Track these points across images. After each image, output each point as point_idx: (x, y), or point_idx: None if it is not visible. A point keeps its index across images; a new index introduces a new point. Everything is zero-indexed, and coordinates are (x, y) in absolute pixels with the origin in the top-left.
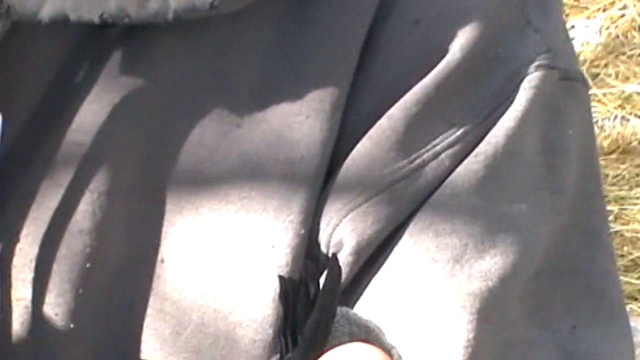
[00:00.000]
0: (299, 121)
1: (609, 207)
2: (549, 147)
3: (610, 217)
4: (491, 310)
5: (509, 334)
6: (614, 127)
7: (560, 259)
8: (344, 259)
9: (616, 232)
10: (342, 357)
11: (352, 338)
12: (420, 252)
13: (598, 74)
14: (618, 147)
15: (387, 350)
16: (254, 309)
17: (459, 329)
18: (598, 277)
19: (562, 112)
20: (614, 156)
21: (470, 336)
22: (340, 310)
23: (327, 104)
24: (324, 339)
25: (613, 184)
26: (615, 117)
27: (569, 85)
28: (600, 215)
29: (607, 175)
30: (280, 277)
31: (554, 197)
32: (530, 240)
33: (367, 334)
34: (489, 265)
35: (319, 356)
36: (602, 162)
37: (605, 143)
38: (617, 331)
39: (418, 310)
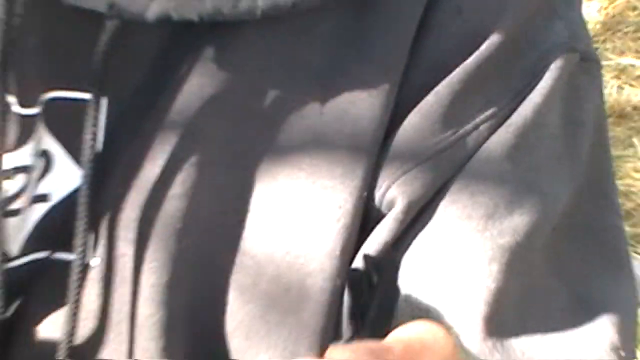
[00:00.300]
0: (362, 99)
1: None
2: (570, 119)
3: None
4: (517, 262)
5: (530, 282)
6: (610, 94)
7: (576, 216)
8: (395, 215)
9: None
10: (407, 333)
11: (414, 319)
12: (457, 209)
13: (597, 49)
14: (614, 112)
15: (447, 328)
16: (323, 261)
17: (490, 277)
18: (607, 232)
19: (581, 89)
20: (610, 120)
21: (500, 285)
22: (402, 294)
23: (386, 82)
24: (387, 321)
25: (610, 144)
26: (612, 86)
27: (587, 65)
28: (610, 179)
29: None
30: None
31: (572, 164)
32: (551, 201)
33: (427, 314)
34: (517, 222)
35: (384, 336)
36: None
37: None
38: (623, 278)
39: (455, 259)
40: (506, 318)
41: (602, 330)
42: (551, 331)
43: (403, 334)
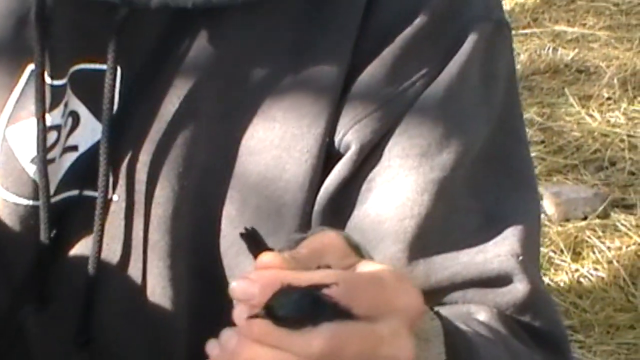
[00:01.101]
0: (324, 63)
1: (543, 110)
2: (487, 74)
3: (544, 117)
4: (443, 192)
5: (453, 207)
6: (548, 55)
7: (491, 149)
8: (350, 156)
9: (548, 127)
10: (312, 239)
11: None
12: (399, 149)
13: (537, 18)
14: (550, 68)
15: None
16: (295, 193)
17: (421, 206)
18: (517, 161)
19: (495, 50)
20: (547, 75)
21: (429, 211)
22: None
23: (343, 49)
24: None
25: (546, 94)
26: (549, 48)
27: (499, 30)
28: (519, 120)
29: (542, 88)
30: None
31: (489, 109)
32: (472, 140)
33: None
34: (445, 159)
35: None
36: (539, 79)
37: (542, 65)
38: (529, 196)
39: (394, 192)
40: (432, 237)
41: (506, 241)
42: (467, 246)
43: (309, 240)
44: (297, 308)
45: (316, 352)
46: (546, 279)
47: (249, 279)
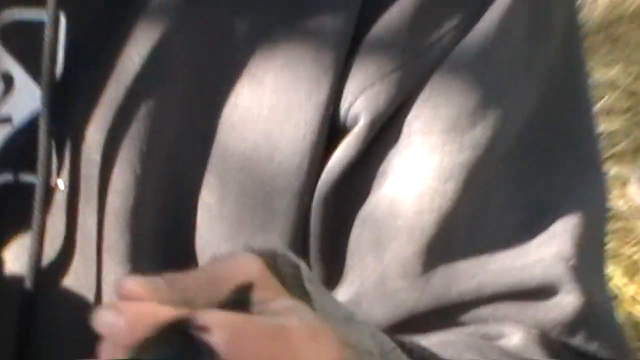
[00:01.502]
0: (326, 22)
1: (629, 69)
2: (536, 25)
3: (630, 77)
4: (474, 179)
5: (486, 198)
6: None
7: (541, 123)
8: (358, 131)
9: (635, 90)
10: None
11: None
12: (420, 123)
13: None
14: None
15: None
16: (290, 178)
17: (443, 198)
18: (576, 137)
19: None
20: (635, 23)
21: (453, 204)
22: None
23: (349, 3)
24: None
25: (634, 48)
26: None
27: None
28: (582, 84)
29: (628, 41)
30: None
31: (537, 71)
32: (515, 110)
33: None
34: (478, 136)
35: None
36: (624, 29)
37: (629, 11)
38: (592, 185)
39: (413, 176)
40: (456, 238)
41: (554, 240)
42: (503, 248)
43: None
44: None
45: None
46: (631, 289)
47: (117, 309)
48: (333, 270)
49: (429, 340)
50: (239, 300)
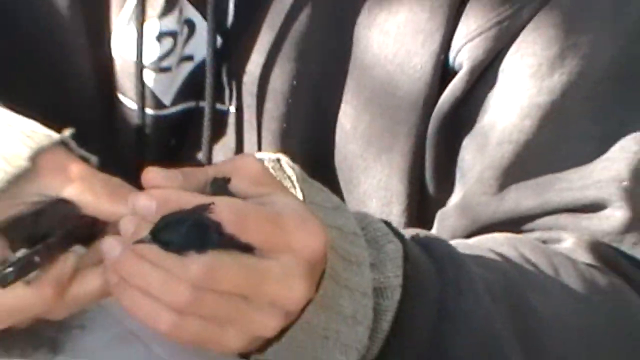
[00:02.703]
0: None
1: None
2: None
3: None
4: (552, 116)
5: (563, 132)
6: None
7: (621, 67)
8: (462, 76)
9: None
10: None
11: None
12: (510, 70)
13: None
14: None
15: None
16: (408, 110)
17: (521, 132)
18: None
19: None
20: None
21: (529, 138)
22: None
23: None
24: None
25: None
26: None
27: None
28: None
29: None
30: None
31: (619, 21)
32: (594, 58)
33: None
34: (556, 81)
35: None
36: None
37: None
38: None
39: (502, 112)
40: (530, 165)
41: (614, 165)
42: (572, 169)
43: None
44: (183, 235)
45: (193, 278)
46: None
47: (150, 194)
48: (444, 187)
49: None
50: (219, 188)
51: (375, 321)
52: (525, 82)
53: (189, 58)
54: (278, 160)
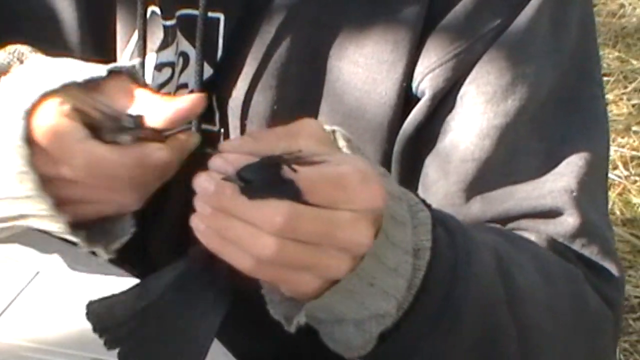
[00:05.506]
0: (401, 18)
1: None
2: (556, 22)
3: None
4: (505, 137)
5: (515, 149)
6: None
7: (562, 92)
8: (425, 102)
9: None
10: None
11: None
12: (467, 97)
13: None
14: None
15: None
16: (374, 132)
17: (482, 150)
18: (588, 101)
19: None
20: None
21: (489, 155)
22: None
23: (419, 2)
24: None
25: None
26: None
27: None
28: (593, 63)
29: None
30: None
31: (558, 55)
32: (538, 86)
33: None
34: (509, 106)
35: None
36: None
37: None
38: (597, 136)
39: (462, 134)
40: (491, 179)
41: (564, 177)
42: (524, 183)
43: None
44: (264, 178)
45: (276, 224)
46: None
47: (225, 157)
48: None
49: None
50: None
51: (409, 278)
52: (483, 107)
53: (185, 86)
54: (333, 131)
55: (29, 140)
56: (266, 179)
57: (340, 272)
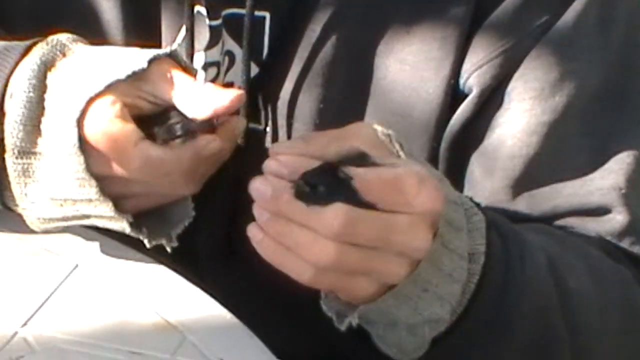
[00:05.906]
0: (450, 14)
1: None
2: (603, 18)
3: None
4: (554, 133)
5: (563, 146)
6: None
7: (608, 89)
8: (472, 99)
9: None
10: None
11: None
12: (515, 93)
13: None
14: None
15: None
16: (422, 129)
17: (529, 146)
18: (636, 97)
19: None
20: None
21: (537, 151)
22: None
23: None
24: None
25: None
26: None
27: None
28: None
29: None
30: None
31: (605, 51)
32: (585, 82)
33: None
34: (557, 102)
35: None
36: None
37: None
38: None
39: (510, 130)
40: (538, 175)
41: (612, 175)
42: (572, 180)
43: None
44: (326, 180)
45: (335, 228)
46: None
47: (278, 160)
48: None
49: None
50: (358, 156)
51: (464, 283)
52: (531, 104)
53: (231, 85)
54: (389, 135)
55: (84, 146)
56: (327, 183)
57: (398, 277)
